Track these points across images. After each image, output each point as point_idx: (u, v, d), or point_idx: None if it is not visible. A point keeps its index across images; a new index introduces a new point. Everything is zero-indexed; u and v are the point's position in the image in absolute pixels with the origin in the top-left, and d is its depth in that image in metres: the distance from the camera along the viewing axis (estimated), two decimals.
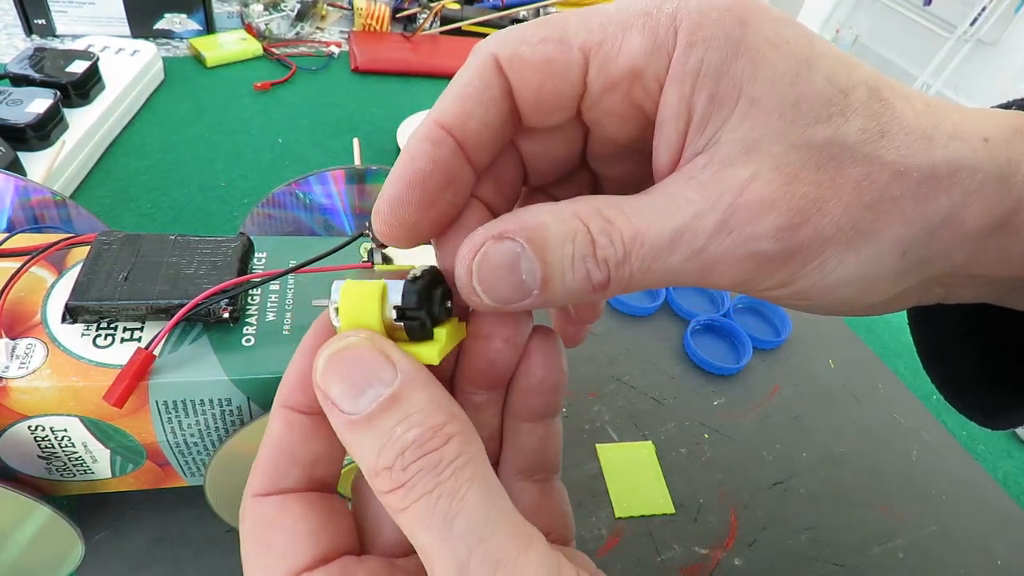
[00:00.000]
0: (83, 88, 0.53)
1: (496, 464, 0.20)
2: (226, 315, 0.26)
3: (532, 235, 0.15)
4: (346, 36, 0.80)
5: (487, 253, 0.15)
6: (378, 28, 0.79)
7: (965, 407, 0.23)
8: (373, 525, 0.18)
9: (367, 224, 0.29)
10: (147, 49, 0.62)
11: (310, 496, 0.16)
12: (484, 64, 0.15)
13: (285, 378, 0.17)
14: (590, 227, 0.15)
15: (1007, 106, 0.18)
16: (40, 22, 0.65)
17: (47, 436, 0.25)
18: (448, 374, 0.19)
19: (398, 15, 0.80)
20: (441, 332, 0.16)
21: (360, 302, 0.15)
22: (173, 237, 0.28)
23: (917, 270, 0.15)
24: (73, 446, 0.26)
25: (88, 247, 0.27)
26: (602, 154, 0.18)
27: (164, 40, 0.70)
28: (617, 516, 0.37)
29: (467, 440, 0.14)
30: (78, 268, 0.27)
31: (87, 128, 0.51)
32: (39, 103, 0.48)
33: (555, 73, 0.15)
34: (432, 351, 0.15)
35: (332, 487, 0.17)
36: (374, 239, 0.29)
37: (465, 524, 0.13)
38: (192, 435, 0.26)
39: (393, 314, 0.15)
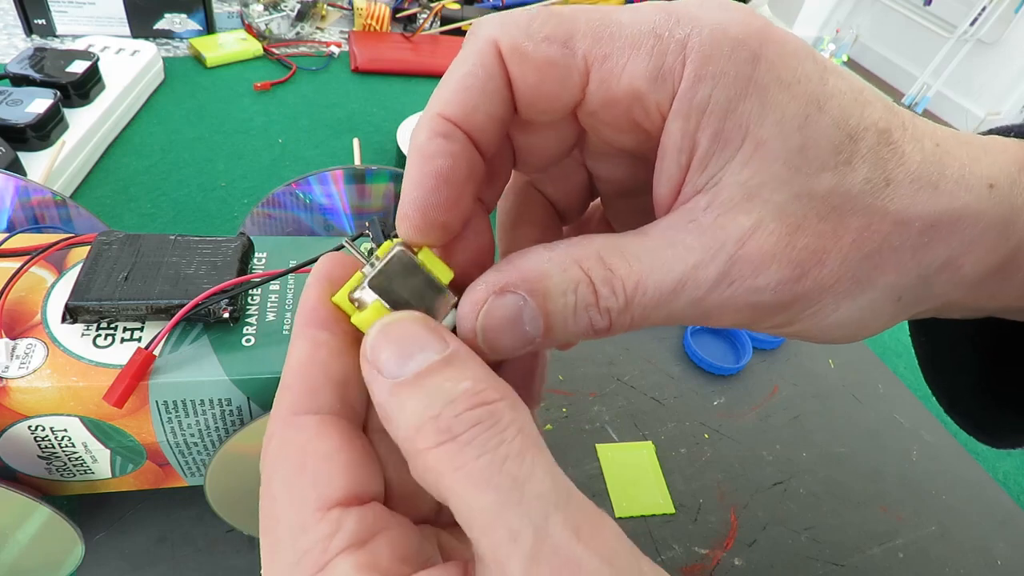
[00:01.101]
0: (83, 88, 0.53)
1: None
2: (226, 315, 0.26)
3: (533, 287, 0.15)
4: (346, 36, 0.80)
5: (490, 311, 0.15)
6: (378, 28, 0.79)
7: (966, 423, 0.23)
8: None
9: (367, 224, 0.29)
10: (147, 49, 0.62)
11: (347, 425, 0.15)
12: (486, 52, 0.15)
13: (305, 302, 0.16)
14: (592, 276, 0.15)
15: (1007, 131, 0.18)
16: (40, 22, 0.65)
17: (47, 436, 0.25)
18: None
19: (398, 15, 0.80)
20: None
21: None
22: (173, 237, 0.28)
23: (911, 310, 0.16)
24: (73, 446, 0.26)
25: (88, 247, 0.27)
26: (596, 154, 0.18)
27: (164, 40, 0.70)
28: (617, 516, 0.37)
29: (520, 405, 0.13)
30: (78, 268, 0.27)
31: (87, 128, 0.51)
32: (39, 103, 0.48)
33: (555, 77, 0.15)
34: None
35: (362, 419, 0.16)
36: (374, 239, 0.29)
37: (538, 488, 0.12)
38: (192, 435, 0.26)
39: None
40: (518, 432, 0.13)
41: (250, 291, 0.28)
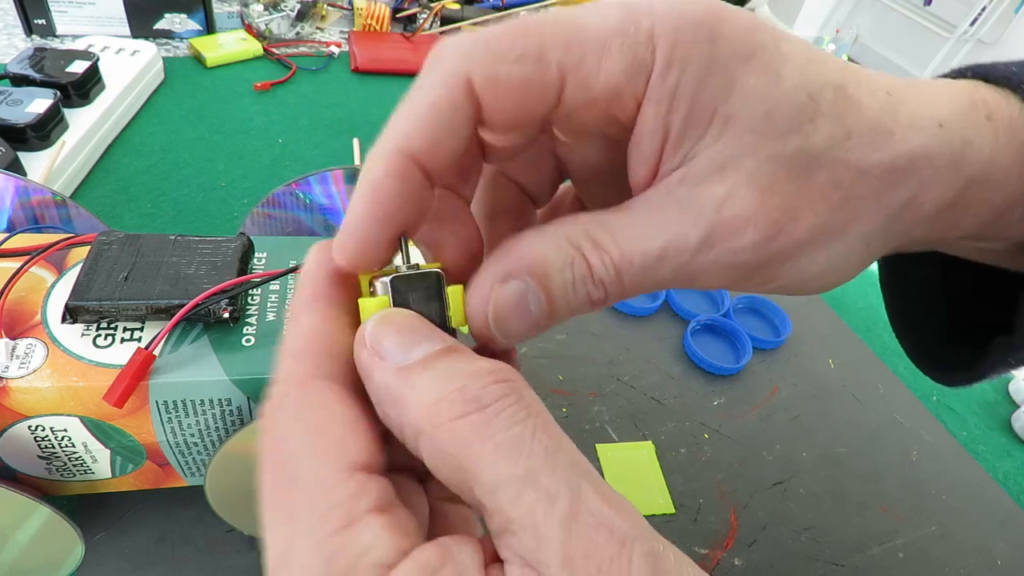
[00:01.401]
0: (83, 88, 0.53)
1: (425, 483, 0.19)
2: (226, 315, 0.26)
3: (533, 270, 0.15)
4: (346, 36, 0.80)
5: (498, 299, 0.15)
6: (378, 28, 0.79)
7: (928, 367, 0.24)
8: None
9: None
10: (147, 49, 0.62)
11: (360, 397, 0.15)
12: (453, 85, 0.14)
13: (307, 275, 0.16)
14: (584, 252, 0.15)
15: (960, 73, 0.19)
16: (40, 22, 0.65)
17: (47, 436, 0.25)
18: None
19: (398, 15, 0.80)
20: None
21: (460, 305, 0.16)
22: (173, 237, 0.28)
23: (878, 253, 0.17)
24: (73, 446, 0.26)
25: (88, 247, 0.27)
26: (566, 144, 0.19)
27: (164, 40, 0.70)
28: None
29: (532, 391, 0.14)
30: (78, 268, 0.27)
31: (87, 128, 0.51)
32: (39, 103, 0.48)
33: (532, 95, 0.15)
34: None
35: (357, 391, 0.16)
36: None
37: (570, 458, 0.13)
38: (192, 435, 0.26)
39: None
40: (541, 408, 0.13)
41: (250, 291, 0.28)
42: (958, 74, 0.19)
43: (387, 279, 0.16)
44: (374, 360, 0.14)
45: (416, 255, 0.17)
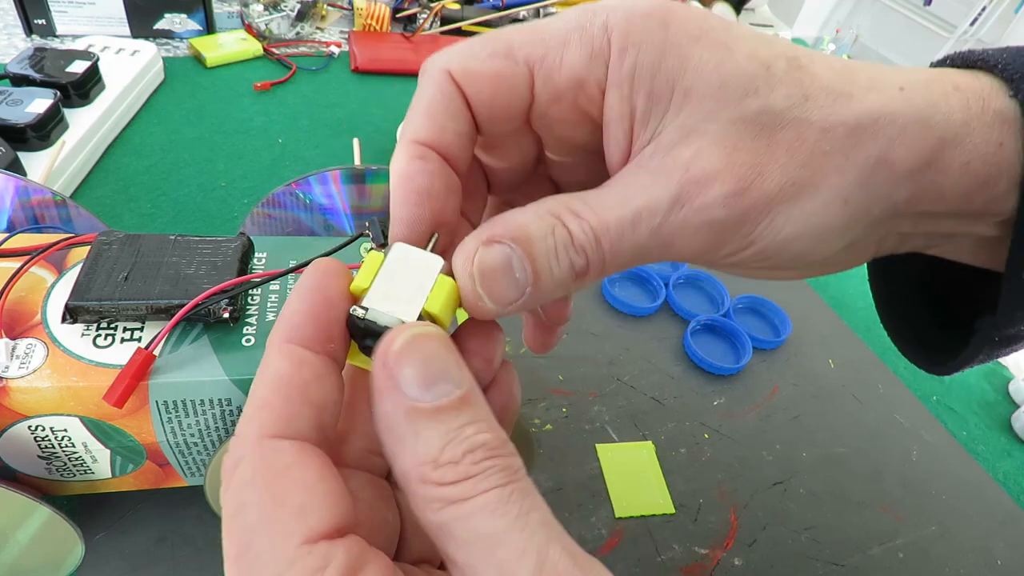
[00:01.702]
0: (83, 88, 0.53)
1: (401, 545, 0.19)
2: (226, 315, 0.26)
3: (516, 234, 0.16)
4: (346, 36, 0.80)
5: (482, 259, 0.16)
6: (378, 28, 0.79)
7: (916, 357, 0.24)
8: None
9: (367, 224, 0.29)
10: (147, 49, 0.62)
11: (324, 454, 0.14)
12: (440, 78, 0.17)
13: (288, 313, 0.15)
14: (564, 220, 0.16)
15: (941, 63, 0.20)
16: (40, 22, 0.65)
17: (47, 436, 0.25)
18: None
19: (398, 15, 0.80)
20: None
21: (450, 299, 0.16)
22: (173, 237, 0.28)
23: (862, 216, 0.17)
24: (73, 446, 0.26)
25: (88, 247, 0.27)
26: (556, 160, 0.20)
27: (164, 40, 0.70)
28: (617, 516, 0.37)
29: (522, 465, 0.14)
30: (78, 268, 0.27)
31: (87, 128, 0.51)
32: (39, 103, 0.48)
33: (505, 85, 0.17)
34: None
35: (330, 446, 0.16)
36: (374, 239, 0.29)
37: (541, 518, 0.13)
38: (192, 435, 0.26)
39: None
40: (523, 478, 0.14)
41: (250, 291, 0.28)
42: (932, 66, 0.20)
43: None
44: (390, 387, 0.14)
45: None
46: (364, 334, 0.16)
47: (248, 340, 0.26)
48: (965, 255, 0.20)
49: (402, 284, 0.16)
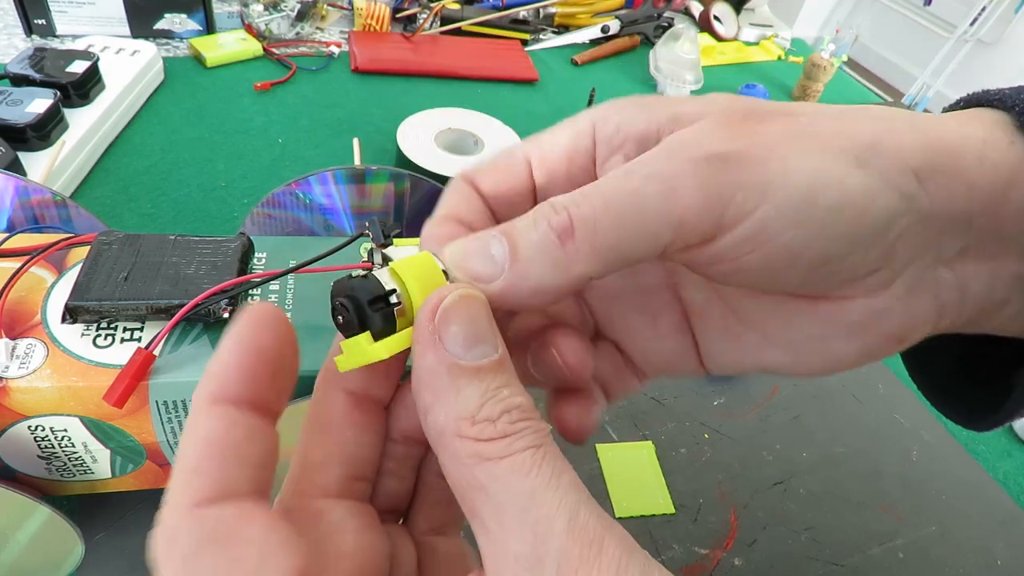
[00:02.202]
0: (83, 88, 0.53)
1: (407, 520, 0.19)
2: (226, 315, 0.26)
3: (500, 226, 0.16)
4: (346, 36, 0.80)
5: (459, 241, 0.16)
6: (378, 28, 0.79)
7: (949, 410, 0.23)
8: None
9: (367, 224, 0.29)
10: (147, 49, 0.62)
11: (265, 506, 0.14)
12: (456, 181, 0.19)
13: (218, 368, 0.14)
14: (550, 199, 0.16)
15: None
16: (40, 22, 0.65)
17: (47, 436, 0.25)
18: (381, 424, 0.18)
19: (398, 15, 0.80)
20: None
21: (424, 268, 0.16)
22: (173, 237, 0.28)
23: (890, 186, 0.15)
24: (73, 446, 0.26)
25: (88, 247, 0.27)
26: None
27: (164, 40, 0.70)
28: (617, 516, 0.37)
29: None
30: (78, 268, 0.27)
31: (87, 128, 0.51)
32: (39, 103, 0.48)
33: (505, 171, 0.19)
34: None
35: (268, 501, 0.15)
36: (374, 239, 0.29)
37: (571, 480, 0.13)
38: None
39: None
40: (553, 442, 0.14)
41: (250, 291, 0.28)
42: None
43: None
44: (434, 339, 0.14)
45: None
46: (374, 306, 0.15)
47: None
48: (1014, 326, 0.18)
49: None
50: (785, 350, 0.19)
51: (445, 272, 0.16)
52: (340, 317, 0.16)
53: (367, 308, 0.15)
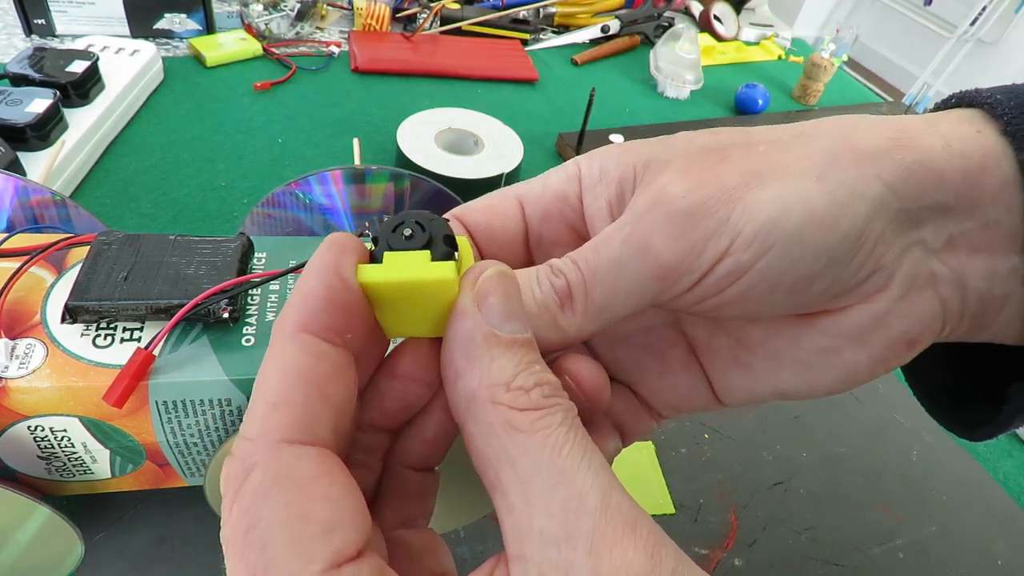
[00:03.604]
0: (83, 88, 0.53)
1: (374, 516, 0.18)
2: (226, 315, 0.26)
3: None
4: (346, 36, 0.80)
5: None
6: (378, 28, 0.79)
7: (944, 420, 0.23)
8: None
9: (367, 224, 0.29)
10: (147, 49, 0.62)
11: (343, 464, 0.13)
12: (455, 222, 0.20)
13: (302, 296, 0.13)
14: (550, 261, 0.17)
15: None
16: (40, 22, 0.65)
17: (47, 436, 0.25)
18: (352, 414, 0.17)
19: (398, 15, 0.80)
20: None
21: (470, 254, 0.16)
22: (173, 237, 0.28)
23: (853, 197, 0.16)
24: (73, 446, 0.26)
25: (88, 247, 0.27)
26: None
27: (164, 40, 0.70)
28: None
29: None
30: (78, 268, 0.27)
31: (87, 128, 0.51)
32: (39, 103, 0.48)
33: (498, 213, 0.20)
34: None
35: (346, 451, 0.15)
36: (374, 239, 0.29)
37: (601, 462, 0.13)
38: (192, 435, 0.26)
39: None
40: (581, 424, 0.14)
41: (250, 291, 0.28)
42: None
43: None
44: (473, 307, 0.14)
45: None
46: (446, 242, 0.15)
47: (248, 340, 0.26)
48: (1015, 327, 0.18)
49: None
50: (796, 371, 0.19)
51: None
52: (408, 230, 0.15)
53: (441, 238, 0.15)
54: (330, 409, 0.13)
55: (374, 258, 0.15)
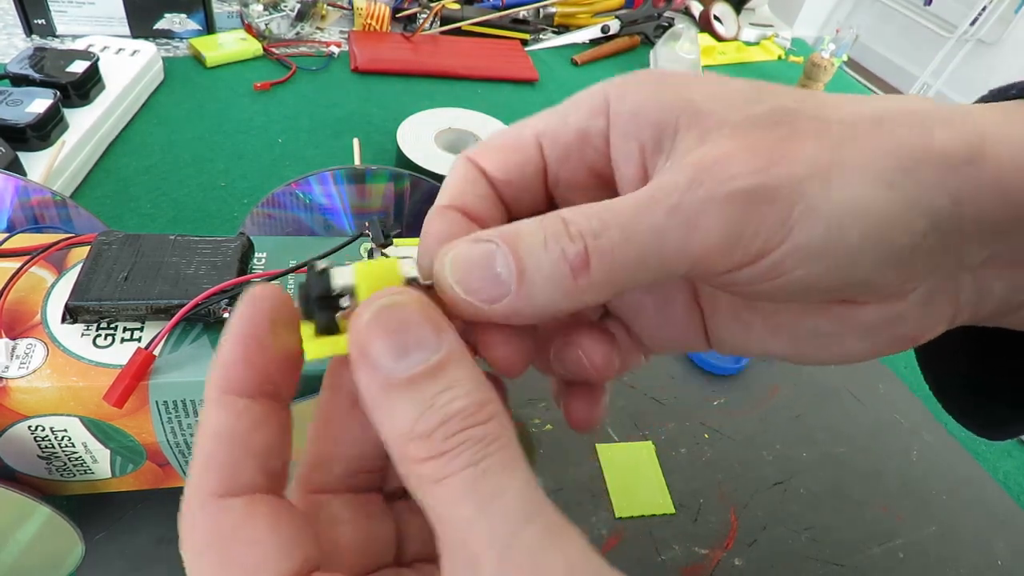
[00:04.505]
0: (83, 88, 0.53)
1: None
2: (226, 315, 0.26)
3: (505, 233, 0.15)
4: (346, 36, 0.80)
5: (460, 250, 0.15)
6: (378, 28, 0.79)
7: (962, 416, 0.22)
8: (329, 535, 0.16)
9: (367, 224, 0.29)
10: (147, 49, 0.62)
11: (274, 500, 0.14)
12: (460, 162, 0.18)
13: (222, 361, 0.15)
14: (562, 214, 0.15)
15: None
16: (40, 22, 0.65)
17: (47, 436, 0.25)
18: None
19: (398, 15, 0.80)
20: None
21: (382, 275, 0.15)
22: (173, 237, 0.28)
23: (919, 210, 0.14)
24: (73, 446, 0.26)
25: (88, 247, 0.27)
26: None
27: (164, 40, 0.70)
28: (617, 516, 0.37)
29: (506, 422, 0.14)
30: (78, 268, 0.27)
31: (87, 128, 0.51)
32: (39, 103, 0.48)
33: (514, 150, 0.18)
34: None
35: (283, 487, 0.15)
36: (374, 239, 0.29)
37: (513, 502, 0.13)
38: (192, 435, 0.26)
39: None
40: (500, 448, 0.13)
41: None
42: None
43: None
44: (362, 359, 0.14)
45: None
46: (320, 305, 0.15)
47: None
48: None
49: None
50: (792, 343, 0.18)
51: (411, 280, 0.16)
52: (297, 303, 0.15)
53: (314, 303, 0.15)
54: (254, 458, 0.14)
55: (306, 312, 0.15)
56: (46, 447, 0.25)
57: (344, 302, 0.15)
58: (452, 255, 0.15)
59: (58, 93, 0.49)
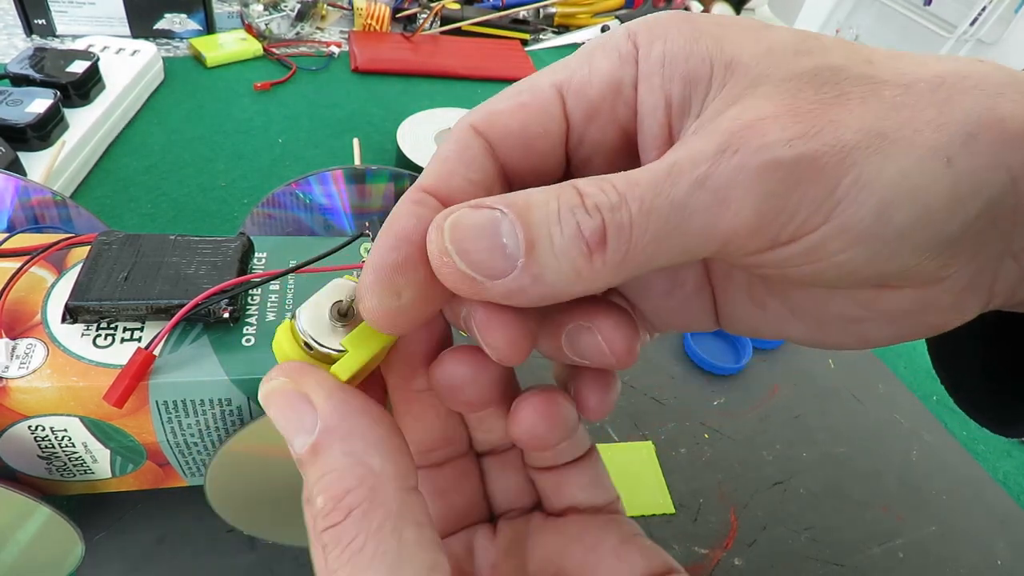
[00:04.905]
0: (83, 88, 0.53)
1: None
2: (226, 315, 0.26)
3: (512, 200, 0.13)
4: (346, 36, 0.80)
5: (461, 215, 0.13)
6: (378, 28, 0.79)
7: (976, 411, 0.21)
8: None
9: (367, 224, 0.29)
10: (147, 49, 0.62)
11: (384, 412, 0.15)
12: (459, 131, 0.15)
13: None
14: (576, 184, 0.13)
15: None
16: (40, 22, 0.65)
17: (47, 436, 0.25)
18: None
19: (398, 15, 0.80)
20: (354, 343, 0.16)
21: (281, 338, 0.16)
22: (173, 237, 0.28)
23: (975, 191, 0.13)
24: (73, 446, 0.26)
25: (88, 247, 0.27)
26: None
27: (164, 40, 0.70)
28: None
29: (368, 511, 0.13)
30: (78, 268, 0.27)
31: (87, 128, 0.51)
32: (39, 103, 0.48)
33: (533, 112, 0.15)
34: (342, 367, 0.15)
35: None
36: (374, 239, 0.29)
37: (394, 557, 0.13)
38: (192, 435, 0.26)
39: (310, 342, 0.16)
40: (351, 556, 0.13)
41: (250, 291, 0.28)
42: None
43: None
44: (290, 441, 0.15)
45: None
46: (308, 346, 0.16)
47: (248, 340, 0.26)
48: None
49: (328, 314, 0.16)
50: (811, 326, 0.16)
51: (308, 344, 0.16)
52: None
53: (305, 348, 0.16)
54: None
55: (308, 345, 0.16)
56: (46, 447, 0.25)
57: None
58: (453, 218, 0.13)
59: (58, 93, 0.49)
